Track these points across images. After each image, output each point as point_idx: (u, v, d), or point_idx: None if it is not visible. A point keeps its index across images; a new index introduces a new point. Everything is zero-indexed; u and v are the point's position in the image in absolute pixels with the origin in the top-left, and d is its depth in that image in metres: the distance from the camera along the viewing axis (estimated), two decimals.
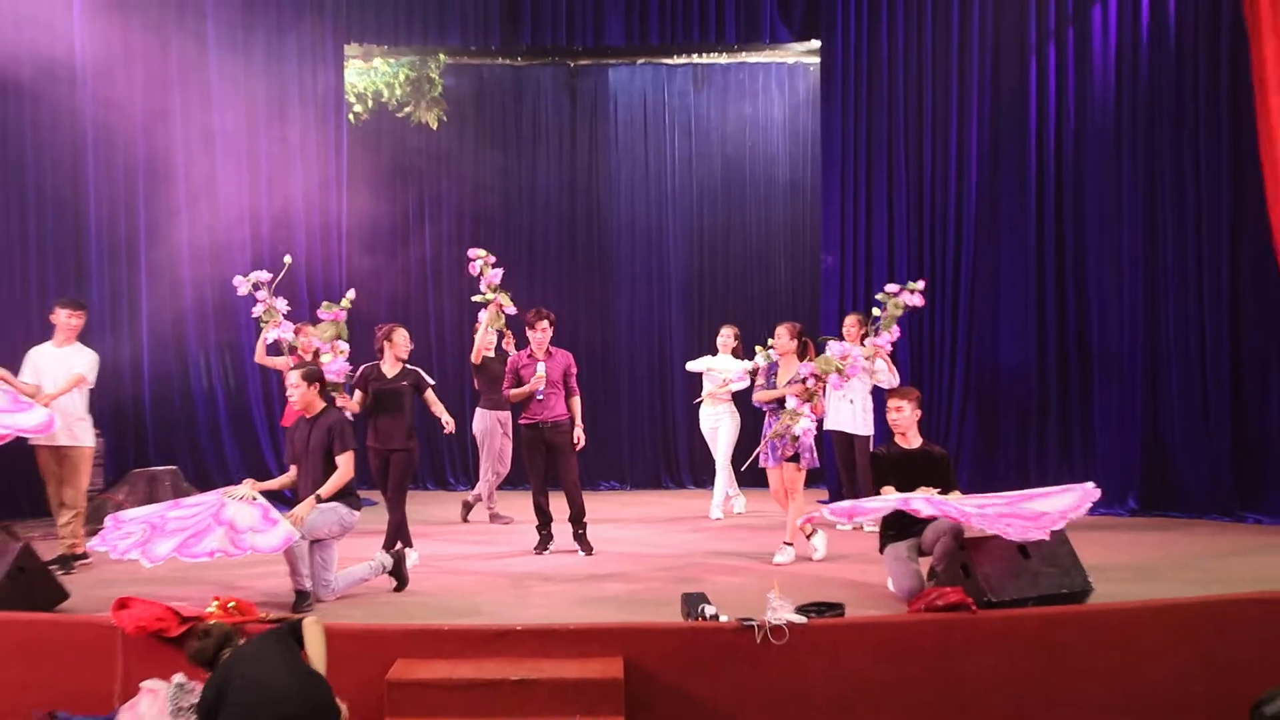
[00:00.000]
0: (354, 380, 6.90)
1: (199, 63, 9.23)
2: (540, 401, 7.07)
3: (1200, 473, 8.27)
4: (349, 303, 7.01)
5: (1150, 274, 8.53)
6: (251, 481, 5.84)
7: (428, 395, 7.04)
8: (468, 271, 7.65)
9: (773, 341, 6.96)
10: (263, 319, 7.08)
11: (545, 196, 11.13)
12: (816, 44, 9.76)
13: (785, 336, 6.90)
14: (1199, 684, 5.02)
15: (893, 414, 6.02)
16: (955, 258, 9.18)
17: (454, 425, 7.11)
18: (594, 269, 11.15)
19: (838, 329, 8.12)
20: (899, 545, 5.73)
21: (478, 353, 8.05)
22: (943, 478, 5.79)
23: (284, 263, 7.09)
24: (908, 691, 4.92)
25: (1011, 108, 9.03)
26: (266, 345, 7.52)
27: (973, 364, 9.11)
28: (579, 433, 7.22)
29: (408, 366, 6.99)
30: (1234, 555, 6.80)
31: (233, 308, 8.66)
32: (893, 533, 5.80)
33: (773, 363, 6.97)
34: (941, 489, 5.63)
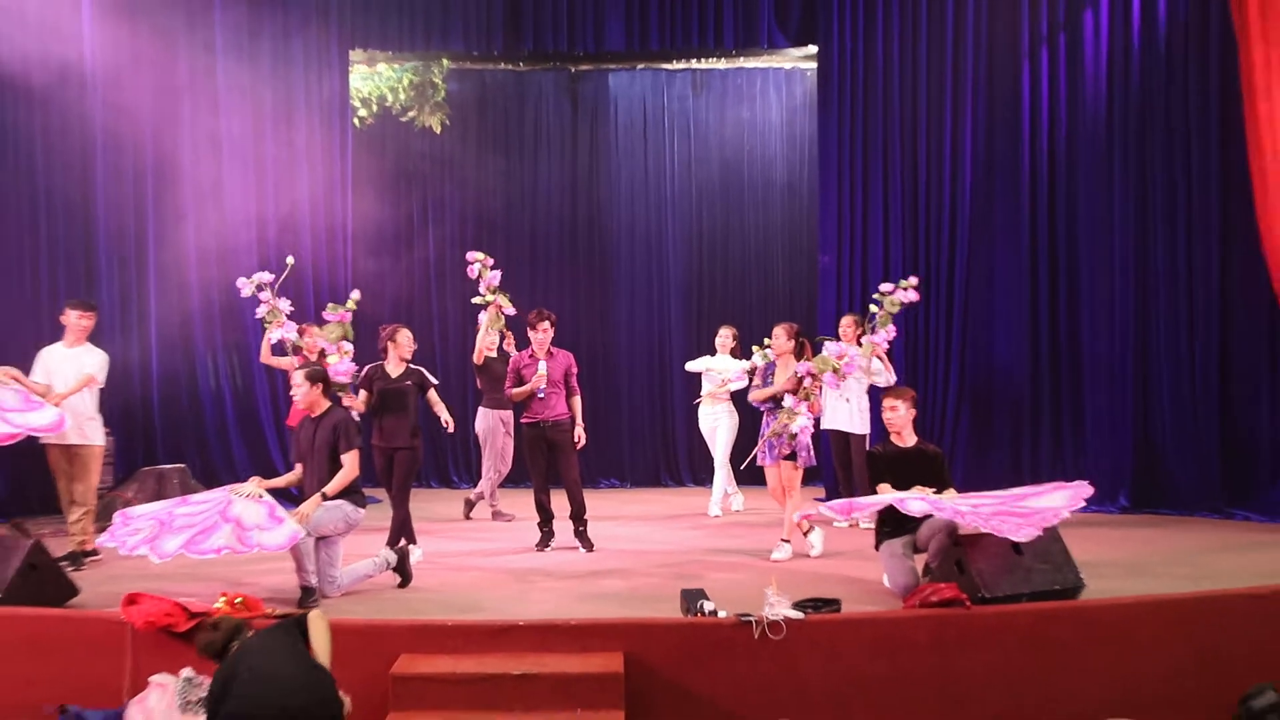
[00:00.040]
0: (359, 380, 6.91)
1: (207, 69, 9.23)
2: (542, 400, 7.08)
3: (1190, 471, 8.28)
4: (354, 304, 7.02)
5: (1141, 276, 8.53)
6: (258, 479, 5.84)
7: (430, 395, 7.05)
8: (470, 273, 7.65)
9: (769, 341, 6.96)
10: (266, 320, 7.08)
11: (547, 199, 11.14)
12: (813, 50, 9.75)
13: (783, 337, 6.90)
14: (1190, 678, 5.03)
15: (888, 413, 6.02)
16: (950, 259, 9.17)
17: (454, 425, 7.12)
18: (595, 270, 11.16)
19: (834, 329, 8.12)
20: (894, 542, 5.73)
21: (479, 353, 8.06)
22: (937, 476, 5.79)
23: (286, 264, 7.09)
24: (903, 686, 4.93)
25: (1005, 112, 9.03)
26: (271, 345, 7.53)
27: (967, 364, 9.11)
28: (579, 431, 7.23)
29: (411, 366, 7.00)
30: (1223, 551, 6.80)
31: (239, 309, 8.66)
32: (888, 530, 5.80)
33: (770, 362, 6.98)
34: (936, 487, 5.63)
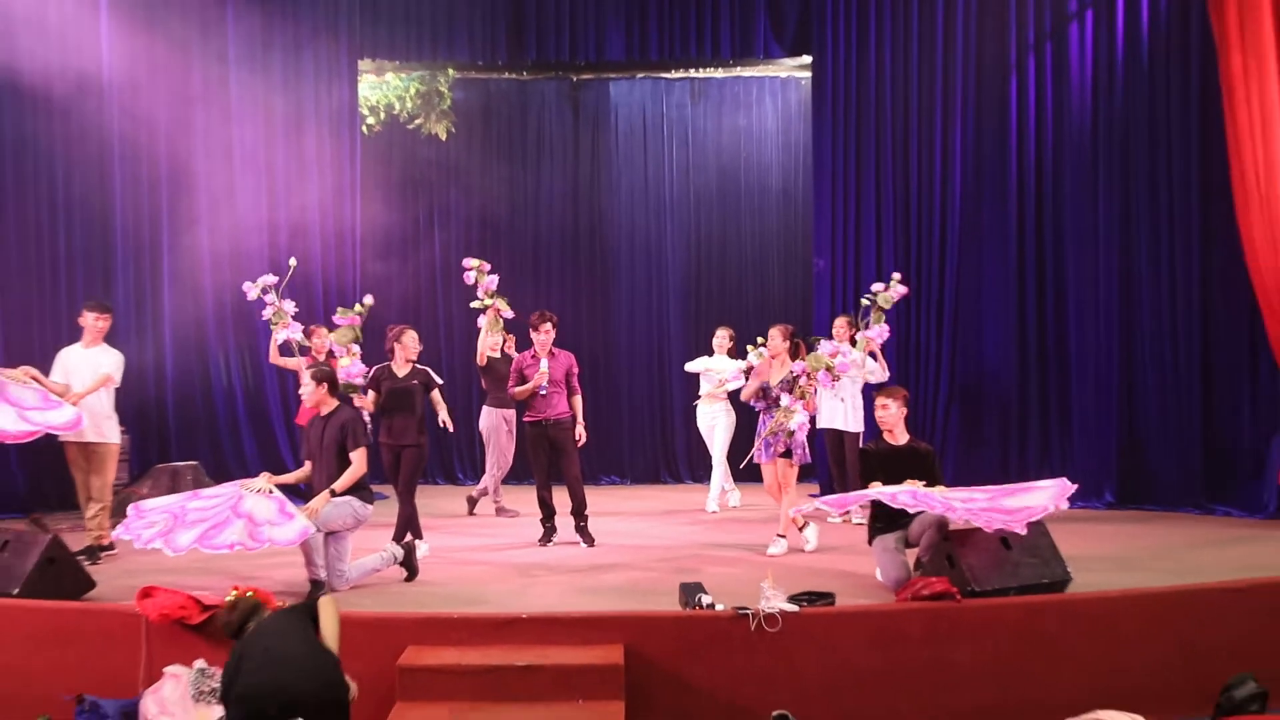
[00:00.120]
0: (367, 380, 6.90)
1: (220, 78, 9.24)
2: (544, 399, 7.07)
3: (1173, 468, 8.26)
4: (362, 308, 7.01)
5: (1125, 280, 8.50)
6: (268, 475, 5.83)
7: (434, 395, 7.05)
8: (466, 280, 7.61)
9: (762, 340, 6.94)
10: (272, 321, 7.08)
11: (549, 204, 11.13)
12: (808, 59, 9.76)
13: (778, 338, 6.88)
14: (1174, 668, 5.03)
15: (880, 411, 6.01)
16: (940, 263, 9.16)
17: (453, 426, 7.16)
18: (595, 274, 11.14)
19: (829, 331, 8.11)
20: (887, 537, 5.72)
21: (481, 355, 8.05)
22: (928, 472, 5.76)
23: (289, 265, 7.09)
24: (896, 677, 4.92)
25: (993, 120, 9.01)
26: (278, 346, 7.53)
27: (957, 365, 9.09)
28: (580, 430, 7.21)
29: (417, 366, 6.99)
30: (1205, 546, 6.79)
31: (251, 311, 8.62)
32: (881, 525, 5.79)
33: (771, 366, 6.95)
34: (927, 483, 5.62)
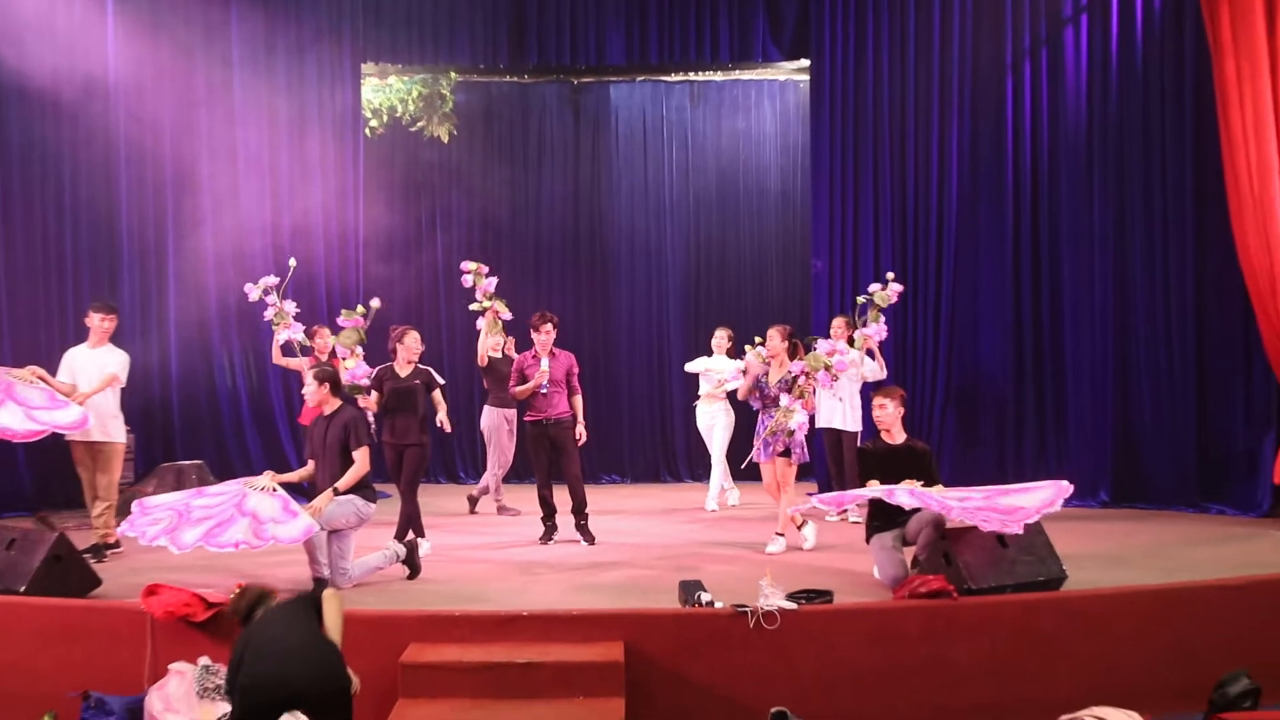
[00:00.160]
0: (371, 381, 6.90)
1: (224, 82, 9.24)
2: (545, 399, 7.06)
3: (1167, 467, 8.25)
4: (364, 310, 7.00)
5: (1120, 282, 8.48)
6: (271, 473, 5.82)
7: (434, 395, 7.05)
8: (464, 283, 7.59)
9: (759, 340, 6.94)
10: (274, 321, 7.06)
11: (550, 207, 11.12)
12: (806, 63, 9.75)
13: (777, 338, 6.88)
14: (1168, 665, 5.03)
15: (877, 411, 6.00)
16: (937, 264, 9.14)
17: (449, 426, 7.17)
18: (596, 275, 11.13)
19: (827, 331, 8.10)
20: (884, 535, 5.72)
21: (482, 356, 8.06)
22: (925, 472, 5.76)
23: (289, 266, 7.08)
24: (893, 674, 4.92)
25: (989, 123, 9.00)
26: (280, 346, 7.52)
27: (953, 366, 9.07)
28: (581, 429, 7.21)
29: (419, 366, 6.99)
30: (1199, 544, 6.79)
31: (254, 312, 8.63)
32: (878, 524, 5.79)
33: (764, 362, 6.95)
34: (925, 482, 5.61)
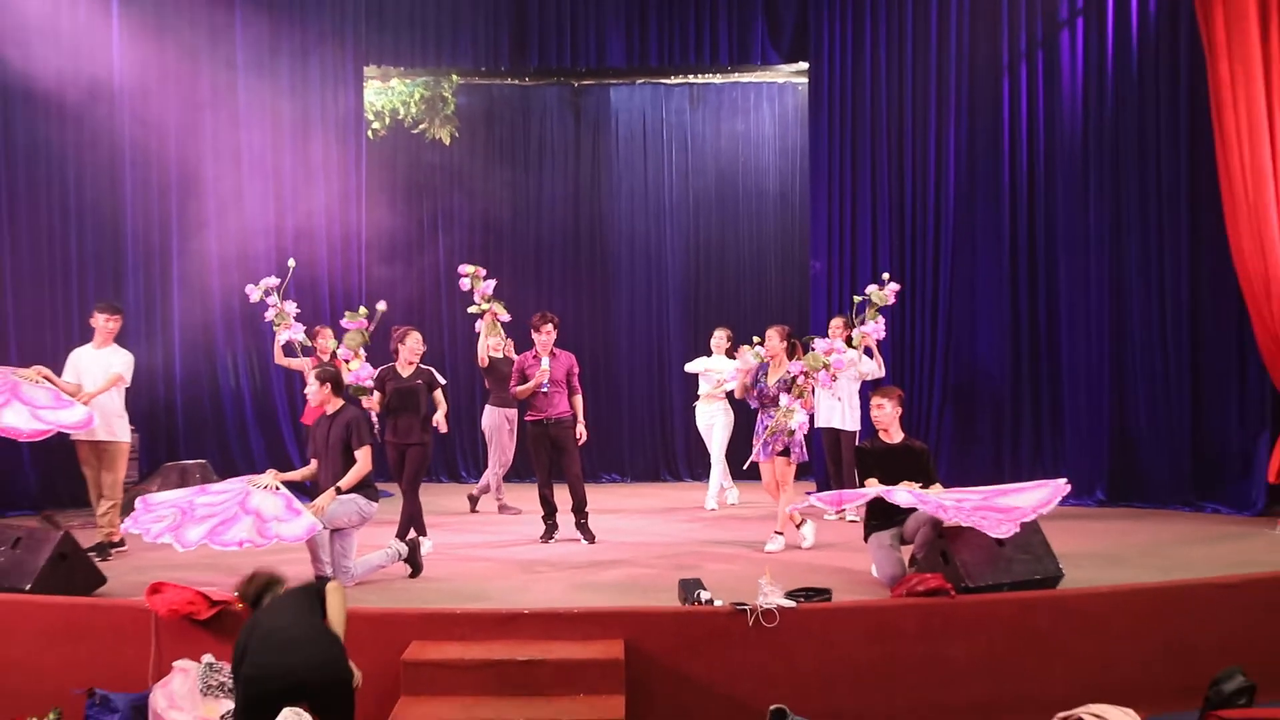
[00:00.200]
0: (374, 381, 6.89)
1: (228, 85, 9.24)
2: (545, 399, 7.06)
3: (1163, 466, 8.24)
4: (368, 312, 7.00)
5: (1116, 283, 8.47)
6: (274, 472, 5.82)
7: (435, 394, 7.05)
8: (461, 286, 7.58)
9: (758, 340, 6.93)
10: (275, 322, 7.06)
11: (551, 208, 11.12)
12: (804, 65, 9.75)
13: (775, 339, 6.88)
14: (1163, 663, 5.03)
15: (875, 411, 6.00)
16: (934, 265, 9.15)
17: (445, 427, 7.16)
18: (596, 276, 11.14)
19: (825, 332, 8.10)
20: (882, 534, 5.72)
21: (482, 357, 8.07)
22: (923, 471, 5.77)
23: (288, 266, 7.07)
24: (891, 672, 4.91)
25: (986, 125, 9.00)
26: (281, 347, 7.51)
27: (951, 366, 9.08)
28: (581, 429, 7.20)
29: (421, 366, 6.99)
30: (1195, 543, 6.78)
31: (257, 313, 8.63)
32: (876, 522, 5.78)
33: (763, 362, 6.95)
34: (922, 482, 5.61)
